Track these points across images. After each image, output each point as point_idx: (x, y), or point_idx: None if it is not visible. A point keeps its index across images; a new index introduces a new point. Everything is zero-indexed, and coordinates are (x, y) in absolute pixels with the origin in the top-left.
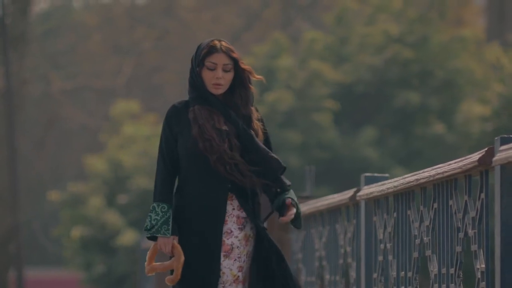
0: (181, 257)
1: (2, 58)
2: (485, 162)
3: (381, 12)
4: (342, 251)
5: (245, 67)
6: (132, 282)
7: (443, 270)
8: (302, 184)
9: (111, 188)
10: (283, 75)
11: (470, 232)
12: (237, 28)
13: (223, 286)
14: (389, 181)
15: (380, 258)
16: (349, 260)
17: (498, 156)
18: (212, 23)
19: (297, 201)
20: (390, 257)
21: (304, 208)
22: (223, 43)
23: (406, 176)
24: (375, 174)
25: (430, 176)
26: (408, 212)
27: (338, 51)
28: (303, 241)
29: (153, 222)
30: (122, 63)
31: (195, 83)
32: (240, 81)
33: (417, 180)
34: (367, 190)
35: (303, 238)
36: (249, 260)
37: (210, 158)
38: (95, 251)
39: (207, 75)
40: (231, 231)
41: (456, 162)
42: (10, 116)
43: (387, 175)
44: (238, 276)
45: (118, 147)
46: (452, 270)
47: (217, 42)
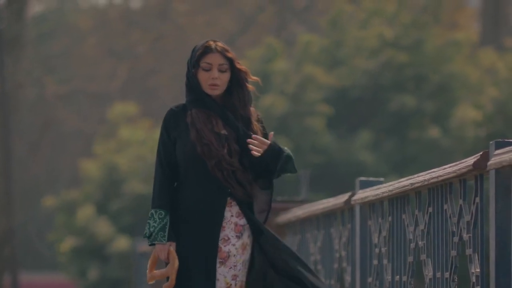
0: (175, 263)
1: None
2: (480, 166)
3: (375, 16)
4: (337, 255)
5: (241, 67)
6: None
7: (438, 274)
8: (297, 189)
9: (105, 193)
10: (278, 79)
11: (465, 236)
12: (232, 32)
13: None
14: (384, 185)
15: (375, 262)
16: (344, 264)
17: (493, 160)
18: (207, 27)
19: (287, 149)
20: (385, 261)
21: (299, 212)
22: (218, 44)
23: (401, 180)
24: (370, 178)
25: (425, 180)
26: (403, 216)
27: (333, 55)
28: (298, 245)
29: (151, 230)
30: (117, 67)
31: (191, 85)
32: (237, 82)
33: (412, 184)
34: (362, 194)
35: (298, 242)
36: (245, 269)
37: (208, 163)
38: (88, 259)
39: (203, 76)
40: (229, 238)
41: (451, 167)
42: (5, 120)
43: (382, 179)
44: (231, 285)
45: (113, 151)
46: (447, 274)
47: (212, 43)
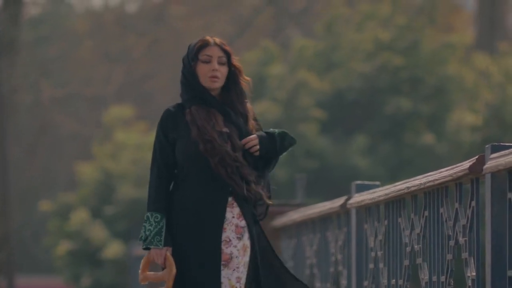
0: (173, 270)
1: None
2: (476, 170)
3: (370, 19)
4: (333, 259)
5: (237, 64)
6: None
7: (434, 278)
8: (292, 193)
9: (100, 197)
10: (273, 83)
11: (461, 240)
12: (229, 35)
13: None
14: (380, 189)
15: (371, 266)
16: (340, 268)
17: (489, 164)
18: (203, 31)
19: (275, 130)
20: (381, 265)
21: (295, 216)
22: (215, 38)
23: (397, 184)
24: (366, 182)
25: (421, 184)
26: (399, 220)
27: (329, 58)
28: (294, 249)
29: (147, 233)
30: (113, 71)
31: (190, 81)
32: (234, 78)
33: (408, 188)
34: (358, 198)
35: (294, 246)
36: (246, 271)
37: (211, 161)
38: (83, 264)
39: (203, 69)
40: (230, 240)
41: (447, 170)
42: (1, 124)
43: (378, 183)
44: (236, 287)
45: (109, 155)
46: (443, 278)
47: (209, 37)
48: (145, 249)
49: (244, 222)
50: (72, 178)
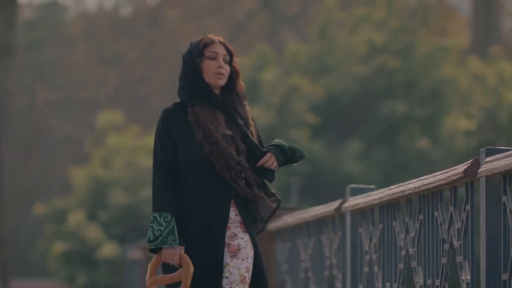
0: (190, 268)
1: None
2: (471, 174)
3: (364, 23)
4: (328, 263)
5: (236, 67)
6: None
7: (429, 282)
8: (287, 197)
9: (94, 202)
10: (266, 88)
11: (456, 244)
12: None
13: (230, 287)
14: (375, 193)
15: (366, 270)
16: (335, 272)
17: (484, 168)
18: (198, 34)
19: (281, 142)
20: (376, 269)
21: (290, 219)
22: (219, 37)
23: (392, 188)
24: (361, 186)
25: (416, 188)
26: (394, 224)
27: (323, 62)
28: (289, 252)
29: (157, 233)
30: (108, 74)
31: (192, 78)
32: (235, 78)
33: (403, 192)
34: (353, 202)
35: (289, 249)
36: (252, 263)
37: (216, 163)
38: (78, 264)
39: (209, 65)
40: (236, 234)
41: (442, 174)
42: None
43: (373, 187)
44: (245, 277)
45: (102, 160)
46: (438, 282)
47: (213, 36)
48: (152, 251)
49: (244, 223)
50: (67, 182)
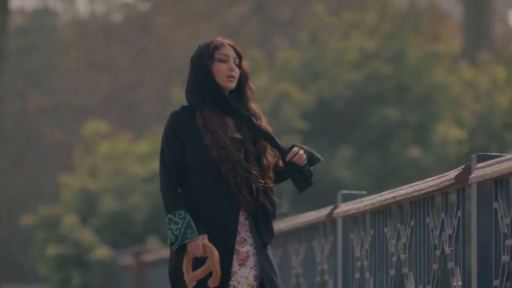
0: (215, 254)
1: None
2: (462, 180)
3: (356, 28)
4: (319, 268)
5: (246, 69)
6: None
7: None
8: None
9: (84, 210)
10: (257, 95)
11: (447, 250)
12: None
13: None
14: (366, 199)
15: (357, 275)
16: (326, 277)
17: (475, 174)
18: (190, 40)
19: (305, 148)
20: (367, 275)
21: (282, 225)
22: (227, 40)
23: (383, 194)
24: (352, 192)
25: (407, 194)
26: (385, 230)
27: (314, 68)
28: (280, 258)
29: (176, 232)
30: (99, 80)
31: (202, 81)
32: (245, 80)
33: (394, 198)
34: (344, 208)
35: (280, 255)
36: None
37: (223, 168)
38: (70, 267)
39: (220, 68)
40: (245, 240)
41: (433, 180)
42: None
43: (365, 193)
44: (254, 286)
45: (90, 169)
46: None
47: (222, 39)
48: (178, 251)
49: (249, 231)
50: (59, 187)
